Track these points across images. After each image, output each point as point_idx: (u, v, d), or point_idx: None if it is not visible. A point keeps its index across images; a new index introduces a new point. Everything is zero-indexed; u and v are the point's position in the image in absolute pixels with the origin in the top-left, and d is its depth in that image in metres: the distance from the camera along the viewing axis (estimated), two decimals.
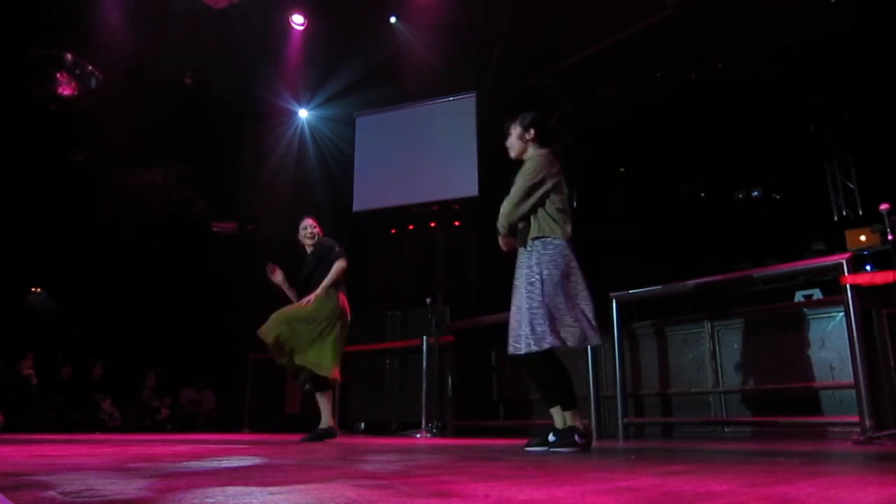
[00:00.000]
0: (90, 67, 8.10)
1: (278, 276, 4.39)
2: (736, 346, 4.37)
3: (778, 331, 4.15)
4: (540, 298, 2.78)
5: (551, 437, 2.82)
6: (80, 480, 1.37)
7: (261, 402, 7.90)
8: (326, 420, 4.13)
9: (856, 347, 3.48)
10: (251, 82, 8.80)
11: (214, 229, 9.69)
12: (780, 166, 7.74)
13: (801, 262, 4.27)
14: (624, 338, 4.78)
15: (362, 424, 7.26)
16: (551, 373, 2.86)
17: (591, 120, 8.37)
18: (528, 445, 2.87)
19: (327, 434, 4.09)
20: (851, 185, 7.23)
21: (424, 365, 6.17)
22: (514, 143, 3.08)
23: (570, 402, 2.83)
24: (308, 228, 4.43)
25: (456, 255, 8.23)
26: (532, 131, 3.06)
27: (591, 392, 4.78)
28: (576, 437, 2.75)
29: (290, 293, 4.39)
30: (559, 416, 2.83)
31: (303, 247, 4.44)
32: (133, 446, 3.12)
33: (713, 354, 4.45)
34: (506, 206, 2.94)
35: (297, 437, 4.37)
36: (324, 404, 4.15)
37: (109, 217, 8.41)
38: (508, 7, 7.63)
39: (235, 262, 8.90)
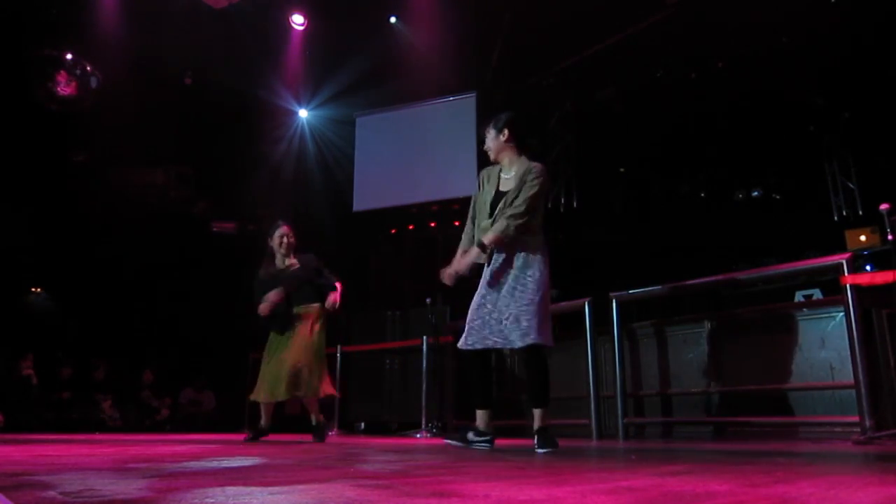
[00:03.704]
0: (90, 67, 8.11)
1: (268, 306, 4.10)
2: (736, 346, 4.36)
3: (778, 331, 4.14)
4: (546, 295, 2.96)
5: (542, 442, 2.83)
6: (80, 480, 1.37)
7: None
8: (316, 417, 4.10)
9: (856, 347, 3.48)
10: (251, 82, 8.79)
11: (214, 229, 9.69)
12: (779, 166, 7.74)
13: (801, 262, 4.26)
14: (624, 338, 4.77)
15: (362, 424, 7.26)
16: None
17: (591, 120, 8.38)
18: (540, 447, 2.78)
19: (324, 430, 4.08)
20: (851, 185, 7.23)
21: (424, 365, 6.17)
22: (490, 146, 3.19)
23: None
24: (285, 238, 4.14)
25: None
26: (506, 132, 3.14)
27: (591, 392, 4.78)
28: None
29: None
30: (542, 416, 2.93)
31: (273, 253, 4.17)
32: (133, 446, 3.12)
33: (713, 354, 4.44)
34: (521, 217, 2.93)
35: (296, 437, 4.36)
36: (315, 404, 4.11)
37: (109, 217, 8.40)
38: (508, 7, 7.63)
39: (235, 262, 8.90)
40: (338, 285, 4.09)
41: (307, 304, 4.10)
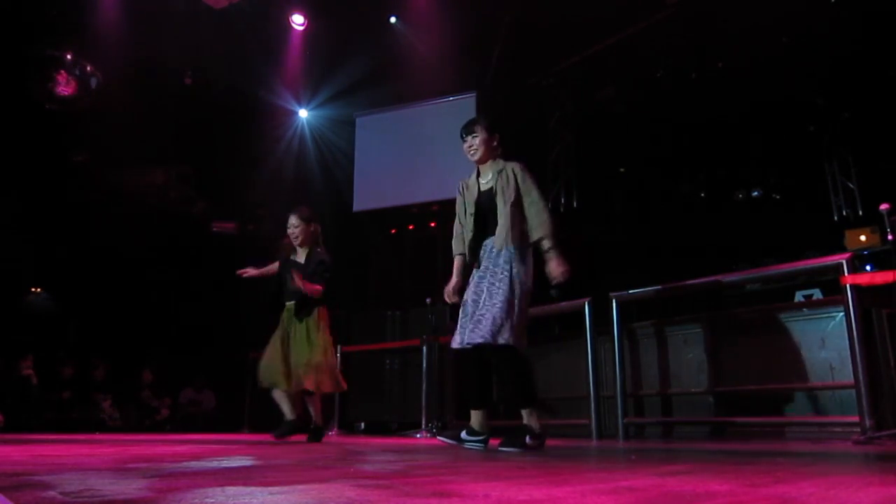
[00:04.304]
0: (90, 67, 8.10)
1: (251, 271, 4.25)
2: (736, 346, 4.36)
3: (778, 331, 4.14)
4: (522, 297, 2.90)
5: (528, 439, 2.85)
6: (80, 480, 1.37)
7: (261, 402, 7.88)
8: (317, 418, 4.10)
9: (856, 347, 3.48)
10: (251, 82, 8.80)
11: (214, 229, 9.69)
12: (780, 166, 7.74)
13: (801, 262, 4.26)
14: (624, 338, 4.77)
15: (362, 424, 7.26)
16: (529, 370, 2.97)
17: (591, 120, 8.38)
18: (502, 445, 2.85)
19: (321, 433, 4.09)
20: (851, 185, 7.23)
21: (424, 365, 6.17)
22: (479, 147, 3.14)
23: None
24: (291, 229, 4.16)
25: None
26: (497, 135, 3.16)
27: (591, 392, 4.78)
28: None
29: (263, 271, 4.26)
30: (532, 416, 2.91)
31: (289, 246, 4.24)
32: (133, 446, 3.12)
33: (713, 354, 4.44)
34: (545, 213, 2.97)
35: (296, 437, 4.35)
36: (315, 404, 4.12)
37: (109, 217, 8.40)
38: (508, 7, 7.63)
39: (235, 262, 8.88)
40: (318, 287, 3.97)
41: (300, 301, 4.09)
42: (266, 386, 4.02)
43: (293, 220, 4.19)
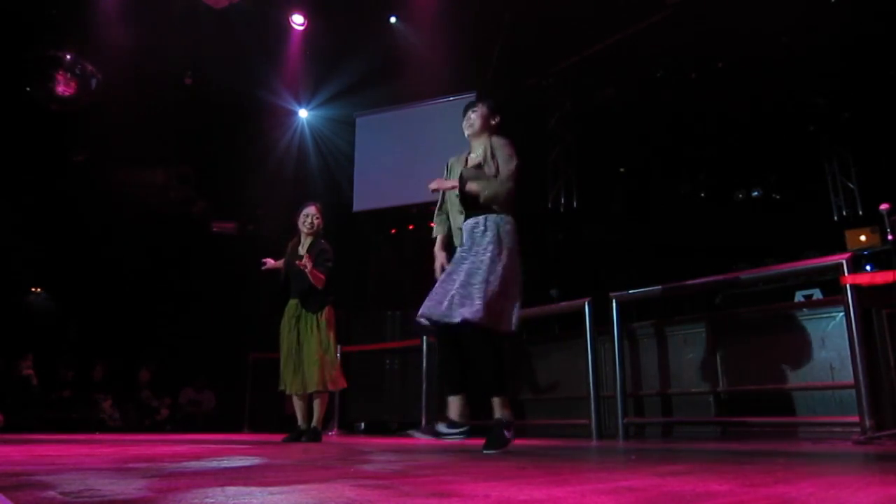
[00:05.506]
0: (90, 67, 8.11)
1: (271, 262, 4.29)
2: (736, 346, 4.36)
3: (778, 331, 4.14)
4: (504, 277, 2.76)
5: (506, 433, 2.74)
6: (80, 480, 1.37)
7: (261, 402, 7.90)
8: (317, 419, 4.12)
9: (856, 347, 3.47)
10: (251, 82, 8.80)
11: (214, 229, 9.69)
12: (780, 166, 7.74)
13: (801, 262, 4.26)
14: (624, 338, 4.77)
15: (362, 424, 7.26)
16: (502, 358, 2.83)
17: (591, 120, 8.38)
18: (487, 448, 2.69)
19: (319, 433, 4.10)
20: (851, 185, 7.23)
21: (424, 365, 6.17)
22: (475, 121, 3.05)
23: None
24: (310, 217, 4.20)
25: None
26: (498, 118, 3.11)
27: (591, 392, 4.78)
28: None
29: (279, 265, 4.28)
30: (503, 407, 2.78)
31: (297, 237, 4.28)
32: (133, 446, 3.12)
33: (713, 354, 4.44)
34: (500, 185, 2.83)
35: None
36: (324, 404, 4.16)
37: (109, 217, 8.41)
38: (508, 7, 7.63)
39: (235, 262, 8.90)
40: (321, 275, 4.00)
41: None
42: (285, 391, 4.10)
43: (313, 209, 4.25)
